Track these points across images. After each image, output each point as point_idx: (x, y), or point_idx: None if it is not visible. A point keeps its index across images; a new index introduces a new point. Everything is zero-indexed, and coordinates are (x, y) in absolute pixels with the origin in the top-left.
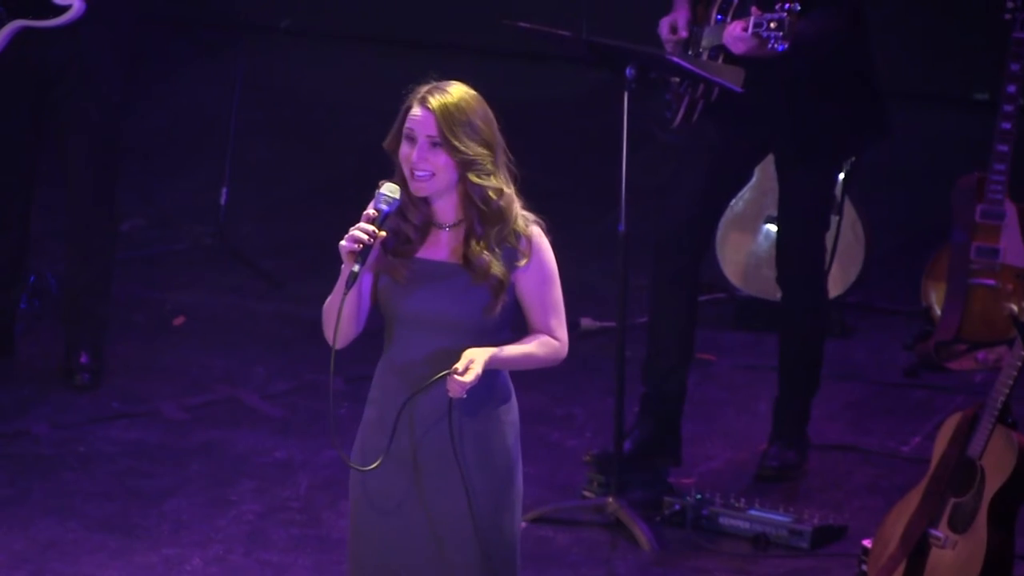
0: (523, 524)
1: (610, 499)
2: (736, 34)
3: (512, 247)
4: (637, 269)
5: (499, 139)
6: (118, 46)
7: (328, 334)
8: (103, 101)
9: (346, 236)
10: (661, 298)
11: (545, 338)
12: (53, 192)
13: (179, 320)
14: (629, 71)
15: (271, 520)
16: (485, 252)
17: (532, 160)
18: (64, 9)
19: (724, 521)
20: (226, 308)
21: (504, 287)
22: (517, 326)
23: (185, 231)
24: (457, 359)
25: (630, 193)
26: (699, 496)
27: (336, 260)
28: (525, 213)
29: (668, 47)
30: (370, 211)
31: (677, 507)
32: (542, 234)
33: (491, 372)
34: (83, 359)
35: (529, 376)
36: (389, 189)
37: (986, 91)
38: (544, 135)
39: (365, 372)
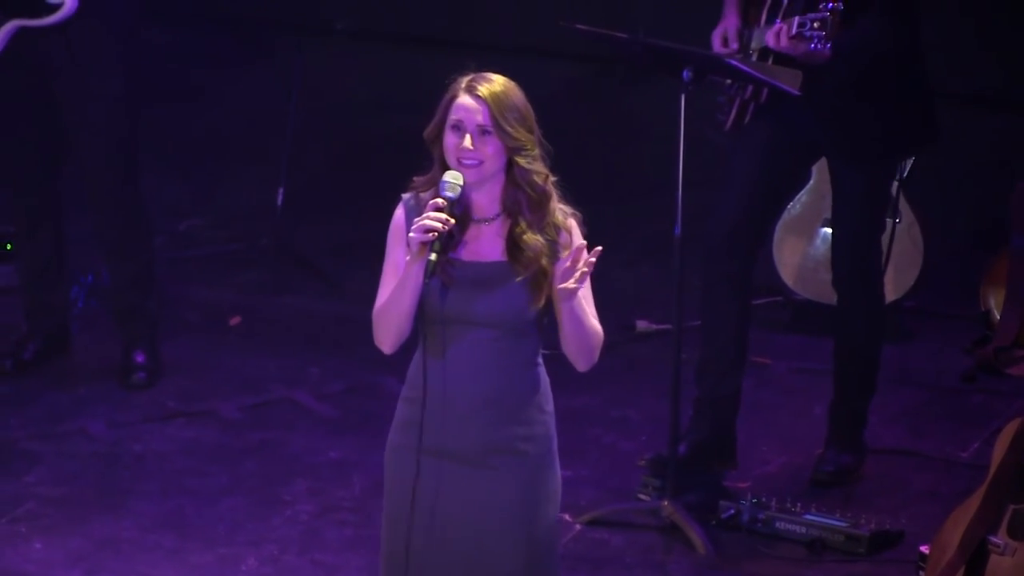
0: (578, 526)
1: (665, 502)
2: (780, 40)
3: (552, 239)
4: (693, 271)
5: (537, 127)
6: (114, 40)
7: (386, 336)
8: (103, 97)
9: (414, 227)
10: (713, 302)
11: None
12: None
13: (235, 320)
14: (686, 73)
15: (325, 520)
16: (536, 238)
17: (576, 157)
18: (56, 7)
19: (780, 525)
20: (281, 308)
21: (547, 277)
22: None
23: (242, 231)
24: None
25: (683, 194)
26: (755, 500)
27: None
28: (562, 206)
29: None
30: (438, 200)
31: (732, 511)
32: (578, 227)
33: (533, 365)
34: (139, 358)
35: (583, 378)
36: (453, 176)
37: None
38: (578, 131)
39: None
